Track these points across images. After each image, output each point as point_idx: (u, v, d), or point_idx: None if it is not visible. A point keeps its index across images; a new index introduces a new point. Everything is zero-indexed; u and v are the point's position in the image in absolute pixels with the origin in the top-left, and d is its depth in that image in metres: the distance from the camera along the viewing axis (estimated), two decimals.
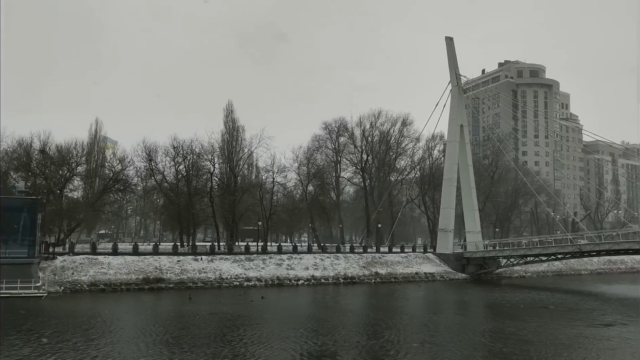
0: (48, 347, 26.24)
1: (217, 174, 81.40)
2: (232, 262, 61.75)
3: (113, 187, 75.18)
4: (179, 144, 76.90)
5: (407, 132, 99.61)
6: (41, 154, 71.83)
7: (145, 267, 56.00)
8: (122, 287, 52.12)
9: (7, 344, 27.00)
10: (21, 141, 73.72)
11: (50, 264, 53.32)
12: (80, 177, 78.33)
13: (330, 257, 68.99)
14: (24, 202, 53.49)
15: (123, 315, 39.14)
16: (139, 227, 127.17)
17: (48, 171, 70.60)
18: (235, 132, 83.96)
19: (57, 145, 74.06)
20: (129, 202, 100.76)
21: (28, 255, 50.03)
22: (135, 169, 79.61)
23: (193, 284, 55.45)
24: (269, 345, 27.76)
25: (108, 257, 56.60)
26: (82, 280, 51.76)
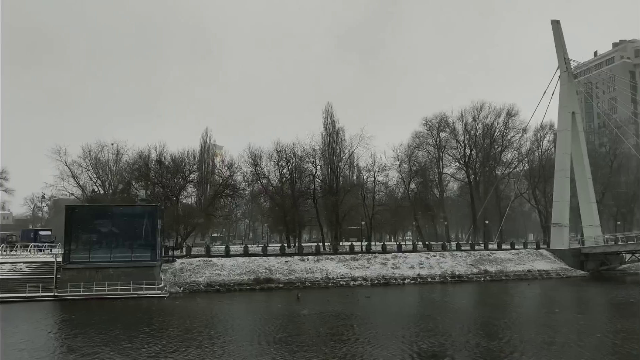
0: (177, 345, 28.06)
1: (319, 176, 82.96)
2: (337, 262, 62.68)
3: (223, 192, 79.14)
4: (281, 148, 79.46)
5: (512, 123, 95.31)
6: (158, 164, 77.40)
7: (256, 268, 58.42)
8: (235, 288, 54.78)
9: (139, 341, 29.44)
10: (140, 153, 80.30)
11: (170, 266, 57.30)
12: (193, 184, 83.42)
13: (436, 255, 67.78)
14: (145, 210, 57.99)
15: (239, 315, 41.05)
16: (248, 229, 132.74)
17: (165, 180, 75.86)
18: (335, 134, 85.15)
19: (171, 155, 79.74)
20: (238, 206, 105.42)
21: (151, 259, 54.13)
22: (243, 174, 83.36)
23: (301, 284, 57.00)
24: (385, 345, 27.63)
25: (221, 259, 59.76)
26: (198, 282, 55.12)
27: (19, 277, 51.08)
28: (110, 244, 54.39)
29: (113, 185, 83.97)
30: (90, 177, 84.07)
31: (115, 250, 53.96)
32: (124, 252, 53.95)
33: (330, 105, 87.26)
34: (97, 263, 52.09)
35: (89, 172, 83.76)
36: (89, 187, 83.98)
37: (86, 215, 57.19)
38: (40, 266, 52.84)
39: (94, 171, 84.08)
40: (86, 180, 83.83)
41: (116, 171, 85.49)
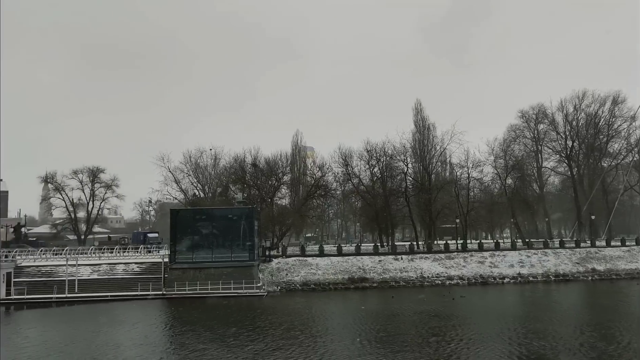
0: (280, 343, 28.88)
1: (411, 174, 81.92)
2: (432, 261, 61.64)
3: (315, 192, 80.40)
4: (371, 147, 79.33)
5: (619, 111, 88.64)
6: (253, 167, 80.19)
7: (350, 267, 58.84)
8: (330, 287, 55.52)
9: (244, 338, 30.62)
10: (236, 157, 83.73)
11: (267, 266, 59.16)
12: (286, 185, 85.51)
13: (538, 253, 64.65)
14: (242, 212, 60.33)
15: (336, 313, 41.46)
16: (341, 229, 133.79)
17: (259, 182, 78.41)
18: (426, 130, 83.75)
19: (265, 158, 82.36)
20: (330, 206, 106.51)
21: (249, 259, 56.23)
22: (334, 174, 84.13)
23: (395, 283, 56.69)
24: (491, 347, 26.90)
25: (316, 259, 60.79)
26: (295, 281, 56.48)
27: (131, 276, 55.07)
28: (211, 245, 57.15)
29: (212, 189, 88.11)
30: (191, 181, 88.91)
31: (216, 250, 56.61)
32: (224, 253, 56.47)
33: (419, 102, 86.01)
34: (199, 263, 54.95)
35: (190, 177, 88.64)
36: (190, 191, 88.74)
37: (189, 218, 60.45)
38: (150, 266, 56.60)
39: (195, 176, 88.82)
40: (188, 185, 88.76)
41: (214, 175, 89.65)
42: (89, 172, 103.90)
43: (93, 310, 44.85)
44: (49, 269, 55.98)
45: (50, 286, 52.44)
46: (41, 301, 49.88)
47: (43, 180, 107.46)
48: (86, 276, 54.71)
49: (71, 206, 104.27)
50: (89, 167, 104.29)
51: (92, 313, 43.68)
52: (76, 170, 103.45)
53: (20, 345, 30.94)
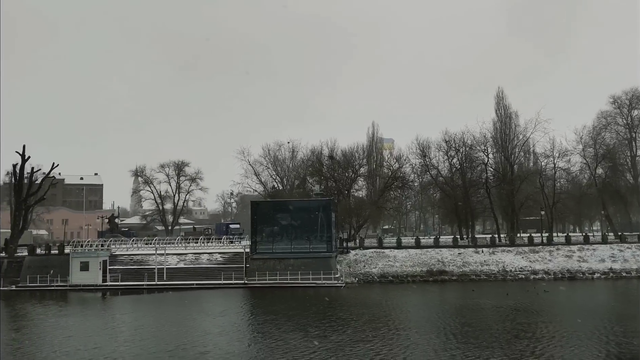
0: (362, 334, 28.81)
1: (492, 164, 79.26)
2: (515, 254, 59.52)
3: (392, 184, 79.85)
4: (450, 138, 77.55)
5: None
6: (330, 159, 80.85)
7: (428, 260, 58.05)
8: (408, 279, 55.10)
9: (326, 329, 30.95)
10: (314, 150, 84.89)
11: (345, 257, 59.58)
12: (363, 177, 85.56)
13: (632, 247, 60.64)
14: (320, 203, 61.06)
15: (417, 306, 41.04)
16: (419, 221, 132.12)
17: (336, 174, 78.95)
18: (508, 119, 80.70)
19: (342, 150, 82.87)
20: (408, 197, 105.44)
21: (327, 250, 56.87)
22: (411, 165, 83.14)
23: (475, 277, 55.33)
24: (585, 346, 25.31)
25: (393, 251, 60.47)
26: (372, 272, 56.54)
27: (215, 265, 57.43)
28: (290, 236, 58.33)
29: (290, 181, 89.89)
30: (270, 174, 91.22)
31: (295, 242, 57.72)
32: (302, 244, 57.46)
33: (501, 90, 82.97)
34: (279, 254, 56.32)
35: (269, 169, 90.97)
36: (270, 183, 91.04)
37: (268, 210, 62.03)
38: (232, 256, 58.71)
39: (273, 168, 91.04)
40: (267, 177, 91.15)
41: (292, 168, 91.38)
42: (174, 166, 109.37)
43: (181, 298, 47.10)
44: (140, 257, 59.51)
45: (141, 274, 55.79)
46: (133, 288, 53.22)
47: (134, 174, 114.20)
48: (173, 265, 57.65)
49: (159, 198, 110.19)
50: (175, 161, 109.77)
51: (180, 300, 45.89)
52: (163, 164, 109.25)
53: (118, 329, 33.17)
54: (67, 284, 54.34)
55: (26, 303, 46.07)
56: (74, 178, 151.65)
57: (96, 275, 54.84)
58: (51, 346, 27.57)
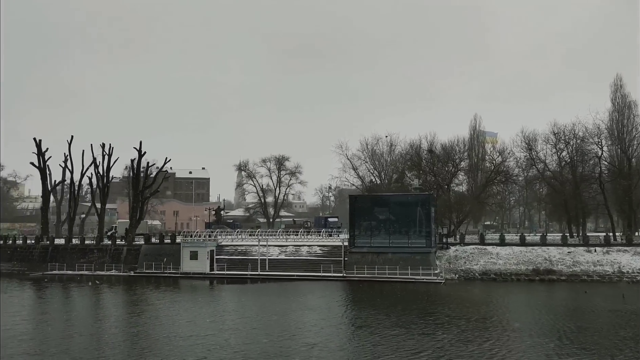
0: (470, 334, 27.83)
1: (606, 158, 73.71)
2: (632, 255, 55.06)
3: (495, 179, 76.92)
4: (559, 130, 73.12)
5: None
6: (429, 153, 79.40)
7: (534, 258, 55.33)
8: (512, 277, 52.89)
9: (431, 327, 30.54)
10: (412, 144, 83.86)
11: (444, 253, 58.37)
12: (464, 171, 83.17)
13: None
14: (419, 198, 60.24)
15: (525, 307, 39.04)
16: (523, 217, 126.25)
17: (436, 168, 77.41)
18: (626, 109, 74.58)
19: (441, 144, 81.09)
20: (512, 193, 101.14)
21: (426, 245, 56.01)
22: (515, 159, 79.61)
23: (587, 277, 51.92)
24: None
25: (496, 248, 58.28)
26: (473, 269, 54.90)
27: (314, 258, 58.69)
28: (388, 230, 58.05)
29: (388, 175, 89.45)
30: (367, 168, 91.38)
31: (393, 236, 57.36)
32: (400, 239, 56.97)
33: (619, 78, 76.73)
34: (377, 248, 56.31)
35: (366, 163, 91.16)
36: (367, 177, 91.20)
37: (366, 204, 62.19)
38: (331, 249, 59.63)
39: (371, 162, 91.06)
40: (364, 172, 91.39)
41: (390, 162, 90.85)
42: (275, 161, 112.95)
43: (282, 288, 48.72)
44: (244, 248, 62.22)
45: (245, 264, 58.34)
46: (238, 277, 55.81)
47: (238, 168, 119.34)
48: (275, 256, 59.66)
49: (261, 191, 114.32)
50: (276, 155, 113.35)
51: (281, 290, 47.51)
52: (265, 158, 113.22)
53: (226, 317, 34.74)
54: (179, 271, 58.13)
55: (145, 288, 49.81)
56: (183, 172, 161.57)
57: (204, 264, 58.13)
58: (167, 331, 29.45)
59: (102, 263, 62.68)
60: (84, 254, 64.85)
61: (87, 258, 63.89)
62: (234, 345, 25.84)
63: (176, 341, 26.77)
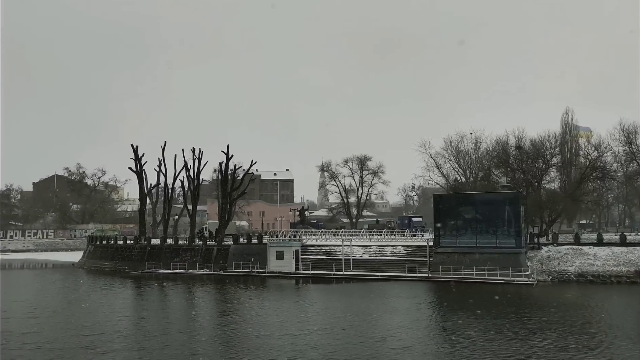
0: (572, 341, 26.00)
1: None
2: None
3: (590, 175, 72.66)
4: None
5: None
6: (517, 149, 76.34)
7: (637, 259, 51.54)
8: (612, 280, 49.66)
9: (523, 332, 29.06)
10: (498, 140, 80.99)
11: (536, 253, 55.81)
12: (555, 168, 79.22)
13: None
14: (507, 196, 57.99)
15: (629, 312, 36.72)
16: (623, 215, 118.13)
17: (525, 165, 74.27)
18: None
19: (530, 140, 77.68)
20: (610, 189, 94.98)
21: (516, 245, 53.78)
22: (613, 154, 74.90)
23: None
24: None
25: (593, 248, 54.92)
26: (568, 271, 52.07)
27: (398, 258, 58.20)
28: (474, 230, 56.32)
29: (473, 173, 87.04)
30: (452, 166, 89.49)
31: (480, 236, 55.59)
32: (488, 238, 55.11)
33: None
34: (463, 248, 54.84)
35: (450, 161, 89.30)
36: (452, 175, 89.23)
37: (451, 203, 60.77)
38: (415, 249, 58.87)
39: (455, 161, 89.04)
40: (449, 170, 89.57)
41: (476, 159, 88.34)
42: (357, 161, 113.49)
43: (367, 288, 48.56)
44: (328, 248, 62.89)
45: (329, 263, 58.97)
46: (323, 276, 56.51)
47: (320, 169, 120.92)
48: (359, 256, 59.79)
49: (344, 192, 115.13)
50: (358, 155, 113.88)
51: (366, 291, 47.27)
52: (347, 159, 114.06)
53: (313, 317, 35.11)
54: (266, 270, 59.79)
55: (235, 287, 51.67)
56: (268, 174, 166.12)
57: (290, 264, 59.41)
58: (259, 330, 30.06)
59: (194, 262, 65.74)
60: (177, 253, 68.33)
61: (180, 257, 67.28)
62: (325, 346, 26.00)
63: (269, 340, 27.28)
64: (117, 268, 69.91)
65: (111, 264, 72.45)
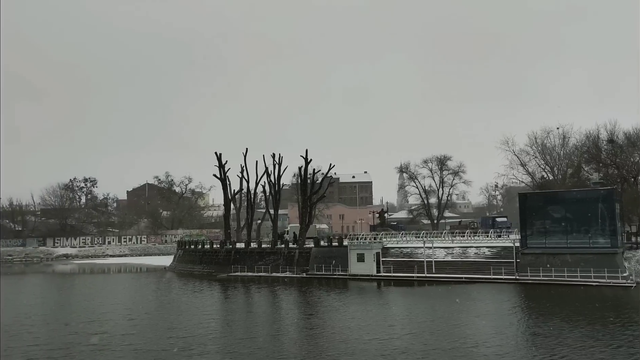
0: None
1: None
2: None
3: None
4: None
5: None
6: (610, 143, 71.98)
7: None
8: None
9: (624, 341, 27.07)
10: (588, 134, 76.66)
11: (634, 253, 52.39)
12: None
13: None
14: (599, 193, 54.73)
15: None
16: None
17: (619, 160, 69.88)
18: None
19: (624, 132, 72.91)
20: None
21: (611, 245, 50.67)
22: None
23: None
24: None
25: None
26: None
27: (482, 260, 56.56)
28: (564, 230, 53.59)
29: (562, 170, 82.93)
30: (538, 163, 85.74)
31: (570, 236, 52.89)
32: (579, 238, 52.33)
33: None
34: (553, 249, 52.42)
35: (536, 158, 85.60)
36: (538, 173, 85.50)
37: (538, 202, 58.12)
38: (500, 250, 56.93)
39: (542, 157, 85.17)
40: (534, 167, 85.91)
41: (564, 155, 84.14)
42: (437, 161, 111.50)
43: (451, 291, 47.34)
44: (409, 250, 62.21)
45: (411, 266, 58.33)
46: (404, 279, 55.99)
47: (399, 170, 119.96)
48: (441, 258, 58.70)
49: (423, 193, 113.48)
50: (437, 155, 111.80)
51: (450, 294, 45.98)
52: (426, 159, 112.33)
53: (399, 321, 34.55)
54: (347, 273, 60.11)
55: (318, 290, 52.19)
56: (347, 177, 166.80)
57: (371, 266, 59.37)
58: (344, 333, 29.89)
59: (277, 265, 67.34)
60: (261, 256, 70.28)
61: (264, 260, 69.16)
62: (415, 351, 25.41)
63: (356, 344, 27.06)
64: (205, 271, 72.90)
65: (199, 267, 75.68)
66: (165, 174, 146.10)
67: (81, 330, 32.31)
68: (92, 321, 35.40)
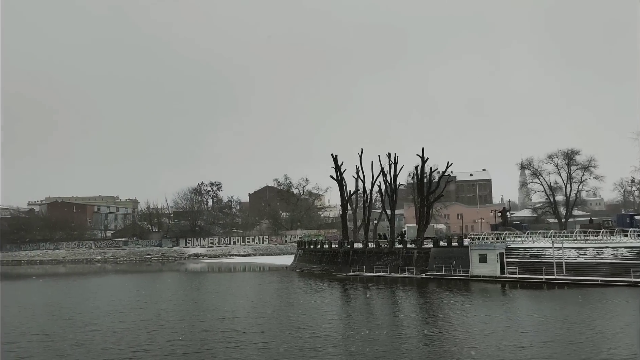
0: None
1: None
2: None
3: None
4: None
5: None
6: None
7: None
8: None
9: None
10: None
11: None
12: None
13: None
14: None
15: None
16: None
17: None
18: None
19: None
20: None
21: None
22: None
23: None
24: None
25: None
26: None
27: (620, 261, 52.12)
28: None
29: None
30: None
31: None
32: None
33: None
34: None
35: None
36: None
37: None
38: None
39: None
40: None
41: None
42: (564, 155, 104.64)
43: (587, 295, 43.84)
44: (535, 251, 58.98)
45: (538, 267, 55.23)
46: (532, 281, 53.14)
47: (520, 167, 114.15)
48: (572, 259, 54.95)
49: (549, 190, 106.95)
50: (564, 150, 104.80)
51: (588, 298, 42.60)
52: (551, 154, 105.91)
53: (528, 327, 32.35)
54: (468, 274, 58.35)
55: (439, 291, 51.04)
56: (464, 175, 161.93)
57: (494, 267, 57.12)
58: (473, 339, 28.46)
59: (395, 265, 67.09)
60: (379, 257, 70.43)
61: (382, 260, 69.24)
62: None
63: (488, 350, 25.89)
64: (325, 271, 74.58)
65: (319, 266, 77.56)
66: (284, 176, 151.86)
67: (214, 327, 34.08)
68: (224, 318, 37.52)
